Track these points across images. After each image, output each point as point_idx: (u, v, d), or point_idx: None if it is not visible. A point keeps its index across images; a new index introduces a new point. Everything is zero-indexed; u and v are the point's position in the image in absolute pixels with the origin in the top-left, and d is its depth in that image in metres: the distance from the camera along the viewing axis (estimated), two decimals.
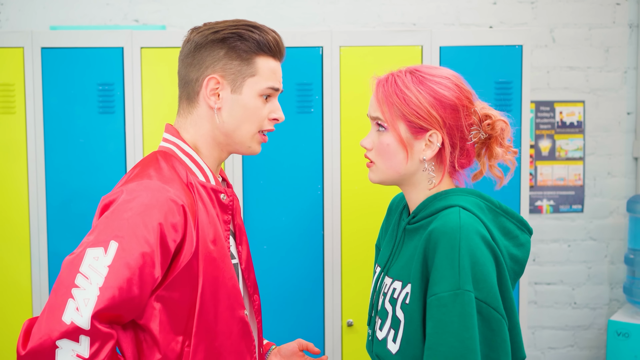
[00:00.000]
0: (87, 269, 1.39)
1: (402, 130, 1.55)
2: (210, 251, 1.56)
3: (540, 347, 3.64)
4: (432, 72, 1.57)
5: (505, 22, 3.53)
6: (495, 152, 1.61)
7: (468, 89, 1.60)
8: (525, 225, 1.60)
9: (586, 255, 3.63)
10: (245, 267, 1.73)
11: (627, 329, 3.18)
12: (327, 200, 2.79)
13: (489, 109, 1.61)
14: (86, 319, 1.36)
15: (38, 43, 2.74)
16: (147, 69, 2.76)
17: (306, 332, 2.82)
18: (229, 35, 1.60)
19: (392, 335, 1.55)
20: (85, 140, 2.77)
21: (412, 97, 1.53)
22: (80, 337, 1.36)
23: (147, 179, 1.51)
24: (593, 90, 3.58)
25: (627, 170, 3.61)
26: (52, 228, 2.77)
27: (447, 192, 1.57)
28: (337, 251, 2.80)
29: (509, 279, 1.52)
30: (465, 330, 1.40)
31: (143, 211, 1.45)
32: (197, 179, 1.61)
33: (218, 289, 1.57)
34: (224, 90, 1.61)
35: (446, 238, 1.44)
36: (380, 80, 1.60)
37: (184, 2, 3.42)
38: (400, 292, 1.54)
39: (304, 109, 2.78)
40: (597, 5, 3.56)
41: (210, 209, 1.60)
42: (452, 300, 1.41)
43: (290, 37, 2.74)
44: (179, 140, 1.64)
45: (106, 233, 1.43)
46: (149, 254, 1.44)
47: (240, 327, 1.63)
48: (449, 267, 1.42)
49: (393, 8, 3.50)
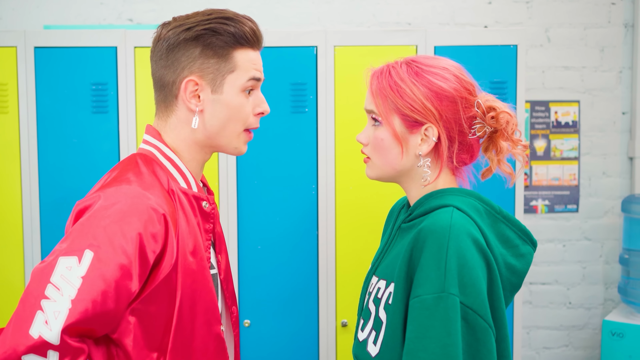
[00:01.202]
0: (58, 279, 1.29)
1: (396, 125, 1.47)
2: (189, 263, 1.46)
3: (535, 347, 3.64)
4: (429, 62, 1.49)
5: (501, 21, 3.53)
6: (501, 147, 1.50)
7: (469, 80, 1.52)
8: (528, 236, 1.51)
9: (581, 255, 3.63)
10: (224, 277, 1.64)
11: (622, 329, 3.18)
12: (321, 200, 2.79)
13: (493, 100, 1.51)
14: (55, 333, 1.26)
15: (31, 42, 2.73)
16: (140, 69, 2.75)
17: (301, 332, 2.82)
18: (203, 32, 1.50)
19: (372, 337, 1.46)
20: (79, 140, 2.76)
21: (407, 89, 1.46)
22: (49, 352, 1.27)
23: (126, 184, 1.43)
24: (588, 90, 3.58)
25: (622, 170, 3.61)
26: (45, 228, 2.76)
27: (444, 191, 1.49)
28: (332, 251, 2.80)
29: (502, 288, 1.43)
30: (447, 336, 1.31)
31: (121, 219, 1.36)
32: (178, 185, 1.52)
33: (196, 303, 1.48)
34: (204, 92, 1.52)
35: (434, 237, 1.36)
36: (375, 72, 1.52)
37: (178, 2, 3.41)
38: (384, 291, 1.46)
39: (298, 108, 2.77)
40: (592, 5, 3.56)
41: (191, 218, 1.51)
42: (436, 304, 1.32)
43: (285, 37, 2.73)
44: (161, 143, 1.55)
45: (81, 241, 1.33)
46: (126, 265, 1.34)
47: (216, 344, 1.54)
48: (434, 268, 1.33)
49: (388, 7, 3.49)
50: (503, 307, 1.41)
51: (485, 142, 1.54)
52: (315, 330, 2.82)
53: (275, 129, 2.75)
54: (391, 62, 1.52)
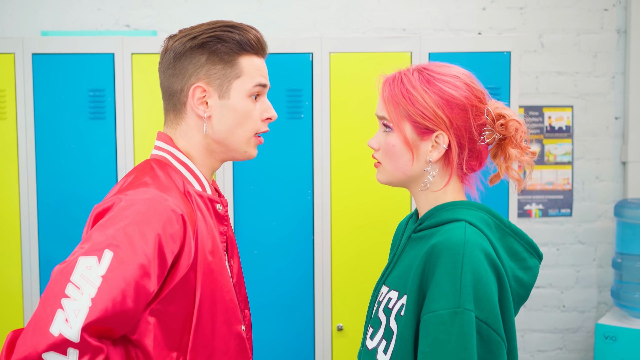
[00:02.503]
0: (78, 279, 1.31)
1: (407, 131, 1.49)
2: (209, 262, 1.50)
3: (529, 350, 3.67)
4: (441, 70, 1.51)
5: (495, 27, 3.56)
6: (509, 154, 1.52)
7: (480, 88, 1.53)
8: (535, 249, 1.53)
9: (575, 258, 3.66)
10: (236, 281, 1.67)
11: (615, 332, 3.20)
12: (317, 205, 2.81)
13: (503, 108, 1.52)
14: (76, 331, 1.27)
15: (29, 49, 2.75)
16: (137, 75, 2.77)
17: (296, 337, 2.84)
18: (208, 40, 1.54)
19: (383, 346, 1.48)
20: (76, 146, 2.78)
21: (418, 96, 1.47)
22: (69, 349, 1.28)
23: (144, 187, 1.45)
24: (581, 95, 3.61)
25: (615, 175, 3.64)
26: (43, 233, 2.78)
27: (456, 204, 1.50)
28: (327, 256, 2.82)
29: (512, 301, 1.45)
30: (463, 351, 1.32)
31: (141, 220, 1.39)
32: (193, 188, 1.56)
33: (215, 303, 1.51)
34: (212, 98, 1.55)
35: (449, 253, 1.37)
36: (387, 79, 1.54)
37: (175, 8, 3.44)
38: (396, 302, 1.48)
39: (294, 114, 2.80)
40: (585, 11, 3.59)
41: (209, 219, 1.55)
42: (452, 319, 1.33)
43: (281, 44, 2.76)
44: (174, 148, 1.58)
45: (100, 242, 1.35)
46: (145, 265, 1.36)
47: (237, 343, 1.57)
48: (450, 283, 1.35)
49: (383, 14, 3.52)
50: (513, 319, 1.44)
51: (493, 149, 1.55)
52: (311, 334, 2.84)
53: (271, 134, 2.77)
54: (403, 70, 1.54)
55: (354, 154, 2.79)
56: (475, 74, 3.03)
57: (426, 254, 1.42)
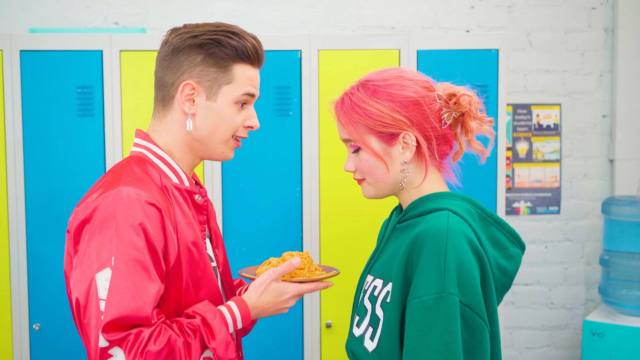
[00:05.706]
0: (104, 293, 1.44)
1: (374, 144, 1.54)
2: (192, 252, 1.56)
3: (517, 347, 3.69)
4: (382, 76, 1.56)
5: (483, 25, 3.57)
6: (470, 127, 1.57)
7: (424, 78, 1.58)
8: (517, 239, 1.58)
9: (563, 256, 3.68)
10: (222, 270, 1.73)
11: (602, 329, 3.22)
12: (305, 202, 2.81)
13: (450, 87, 1.58)
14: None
15: (17, 46, 2.74)
16: (126, 72, 2.77)
17: (285, 333, 2.84)
18: (208, 41, 1.58)
19: (369, 333, 1.52)
20: (65, 142, 2.77)
21: (372, 109, 1.53)
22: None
23: (121, 185, 1.51)
24: (569, 93, 3.63)
25: (603, 173, 3.67)
26: (31, 231, 2.77)
27: (439, 194, 1.55)
28: (316, 252, 2.82)
29: (494, 288, 1.50)
30: (448, 334, 1.37)
31: (124, 218, 1.46)
32: (170, 181, 1.61)
33: (199, 290, 1.58)
34: (199, 97, 1.60)
35: (433, 240, 1.42)
36: (337, 103, 1.60)
37: (164, 5, 3.43)
38: (381, 290, 1.52)
39: (283, 112, 2.80)
40: (573, 9, 3.61)
41: (187, 211, 1.60)
42: (437, 304, 1.38)
43: (269, 41, 2.76)
44: (150, 143, 1.63)
45: (101, 254, 1.45)
46: (143, 255, 1.47)
47: None
48: (434, 269, 1.40)
49: (372, 12, 3.53)
50: (495, 305, 1.49)
51: (455, 127, 1.60)
52: (300, 330, 2.84)
53: (260, 132, 2.76)
54: (347, 89, 1.60)
55: (343, 151, 2.79)
56: (464, 71, 3.05)
57: (411, 242, 1.46)
